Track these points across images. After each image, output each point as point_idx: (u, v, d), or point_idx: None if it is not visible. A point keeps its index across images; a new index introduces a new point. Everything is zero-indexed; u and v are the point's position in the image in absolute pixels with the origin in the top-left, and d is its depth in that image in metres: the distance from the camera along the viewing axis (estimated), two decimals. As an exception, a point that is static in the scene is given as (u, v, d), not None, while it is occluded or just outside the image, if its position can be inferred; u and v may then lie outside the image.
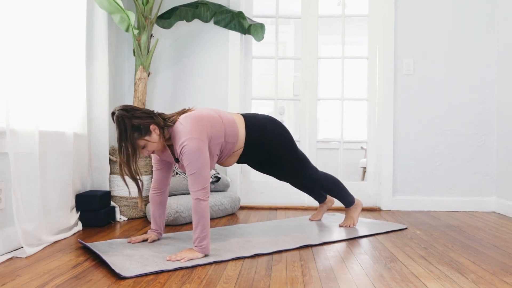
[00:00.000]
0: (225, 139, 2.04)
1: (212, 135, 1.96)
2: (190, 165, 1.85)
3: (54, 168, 2.29)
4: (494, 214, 3.17)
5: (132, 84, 3.35)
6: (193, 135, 1.86)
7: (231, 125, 2.06)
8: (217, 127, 1.99)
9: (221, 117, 2.04)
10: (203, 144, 1.88)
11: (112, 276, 1.62)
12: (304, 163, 2.36)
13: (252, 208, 3.37)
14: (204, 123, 1.94)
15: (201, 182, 1.85)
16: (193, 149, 1.84)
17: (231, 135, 2.06)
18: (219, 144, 2.02)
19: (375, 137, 3.46)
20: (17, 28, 1.98)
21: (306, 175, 2.38)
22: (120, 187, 2.82)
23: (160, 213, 2.16)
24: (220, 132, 2.01)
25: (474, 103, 3.35)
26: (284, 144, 2.26)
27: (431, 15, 3.37)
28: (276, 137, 2.23)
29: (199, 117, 1.94)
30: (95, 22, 2.75)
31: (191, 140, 1.85)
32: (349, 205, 2.60)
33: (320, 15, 3.51)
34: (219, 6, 3.24)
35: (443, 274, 1.69)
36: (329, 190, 2.51)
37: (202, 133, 1.90)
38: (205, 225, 1.85)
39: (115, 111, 1.84)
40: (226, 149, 2.09)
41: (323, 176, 2.45)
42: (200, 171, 1.85)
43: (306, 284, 1.57)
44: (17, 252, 1.92)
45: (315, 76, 3.49)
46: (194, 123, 1.90)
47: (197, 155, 1.85)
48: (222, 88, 3.42)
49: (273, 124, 2.25)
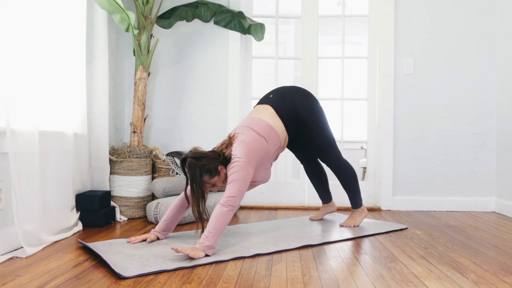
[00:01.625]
0: (273, 151, 2.23)
1: (260, 159, 2.13)
2: (234, 174, 1.98)
3: (54, 168, 2.29)
4: (494, 214, 3.17)
5: (132, 84, 3.35)
6: (245, 159, 2.03)
7: (271, 135, 2.21)
8: (263, 149, 2.15)
9: (262, 135, 2.17)
10: (250, 169, 2.03)
11: (112, 276, 1.62)
12: (332, 140, 2.49)
13: (252, 208, 3.37)
14: (255, 152, 2.09)
15: (232, 191, 1.95)
16: (242, 164, 2.00)
17: (274, 142, 2.23)
18: (271, 159, 2.24)
19: (375, 137, 3.46)
20: (17, 28, 1.98)
21: (332, 153, 2.49)
22: (120, 187, 2.82)
23: (178, 216, 2.17)
24: (267, 150, 2.18)
25: (474, 103, 3.36)
26: (314, 112, 2.41)
27: (431, 15, 3.37)
28: (306, 107, 2.38)
29: (250, 148, 2.08)
30: (95, 22, 2.75)
31: (243, 161, 2.01)
32: (356, 206, 2.60)
33: (320, 15, 3.51)
34: (219, 6, 3.24)
35: (443, 274, 1.69)
36: (345, 180, 2.54)
37: (252, 160, 2.06)
38: (216, 228, 1.88)
39: (186, 158, 1.99)
40: (277, 153, 2.30)
41: (346, 163, 2.55)
42: (238, 182, 1.96)
43: (306, 284, 1.57)
44: (17, 252, 1.92)
45: (315, 76, 3.49)
46: (246, 154, 2.04)
47: (243, 171, 1.99)
48: (222, 88, 3.42)
49: (301, 95, 2.42)
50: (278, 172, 4.16)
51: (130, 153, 2.85)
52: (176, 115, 3.44)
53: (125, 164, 2.82)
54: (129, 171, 2.82)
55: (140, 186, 2.85)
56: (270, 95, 2.42)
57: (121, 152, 2.84)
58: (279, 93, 2.40)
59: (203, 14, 3.26)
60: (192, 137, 3.42)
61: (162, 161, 3.04)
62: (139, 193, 2.85)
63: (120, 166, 2.82)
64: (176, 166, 2.93)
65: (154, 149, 3.04)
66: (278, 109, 2.32)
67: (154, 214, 2.65)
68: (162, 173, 3.05)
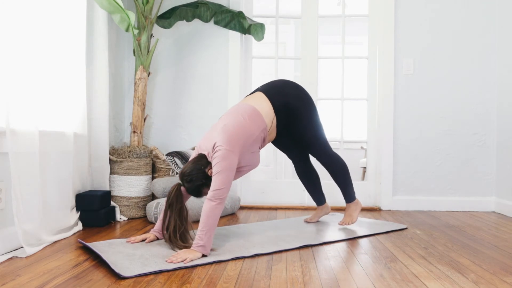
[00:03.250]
0: (257, 133, 2.16)
1: (243, 141, 2.07)
2: (216, 165, 1.95)
3: (54, 168, 2.29)
4: (494, 214, 3.17)
5: (132, 84, 3.35)
6: (226, 146, 1.99)
7: (253, 115, 2.16)
8: (245, 131, 2.09)
9: (244, 117, 2.13)
10: (233, 156, 1.99)
11: (112, 276, 1.62)
12: (323, 134, 2.47)
13: (252, 208, 3.37)
14: (236, 135, 2.05)
15: (217, 184, 1.92)
16: (224, 153, 1.96)
17: (257, 122, 2.17)
18: (256, 141, 2.16)
19: (375, 137, 3.46)
20: (17, 28, 1.98)
21: (321, 146, 2.45)
22: (120, 187, 2.82)
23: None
24: (250, 132, 2.12)
25: (474, 103, 3.36)
26: (306, 103, 2.38)
27: (431, 15, 3.37)
28: (298, 97, 2.36)
29: (231, 133, 2.04)
30: (95, 22, 2.75)
31: (224, 148, 1.98)
32: (350, 200, 2.57)
33: (320, 15, 3.51)
34: (219, 6, 3.24)
35: (443, 274, 1.69)
36: (335, 173, 2.50)
37: (235, 146, 2.01)
38: (208, 225, 1.86)
39: (181, 185, 2.01)
40: (263, 135, 2.22)
41: (336, 155, 2.51)
42: (222, 173, 1.93)
43: (306, 284, 1.57)
44: (17, 252, 1.92)
45: (315, 76, 3.49)
46: (227, 139, 2.01)
47: (225, 160, 1.95)
48: (222, 88, 3.42)
49: (292, 87, 2.39)
50: (278, 172, 4.16)
51: (130, 153, 2.85)
52: (176, 115, 3.44)
53: (125, 164, 2.82)
54: (129, 171, 2.82)
55: (140, 186, 2.85)
56: (261, 86, 2.41)
57: (121, 152, 2.84)
58: (271, 83, 2.40)
59: (203, 14, 3.26)
60: (192, 137, 3.42)
61: (162, 161, 3.04)
62: (139, 193, 2.85)
63: (120, 166, 2.82)
64: (176, 166, 2.93)
65: (154, 149, 3.04)
66: (268, 95, 2.28)
67: (154, 214, 2.65)
68: (162, 173, 3.05)
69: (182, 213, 1.99)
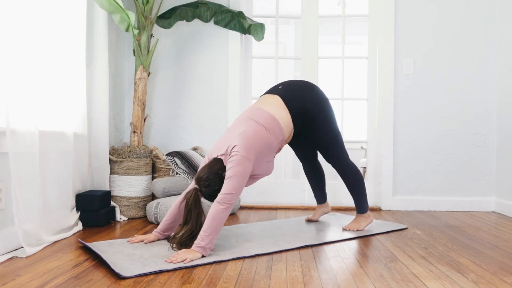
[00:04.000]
0: (275, 144, 2.15)
1: (261, 151, 2.06)
2: (230, 170, 1.94)
3: (54, 168, 2.29)
4: (494, 214, 3.17)
5: (132, 84, 3.35)
6: (243, 152, 1.97)
7: (273, 127, 2.14)
8: (264, 142, 2.08)
9: (263, 126, 2.10)
10: (249, 163, 1.98)
11: (112, 276, 1.62)
12: (340, 140, 2.42)
13: (252, 208, 3.37)
14: (255, 145, 2.03)
15: (228, 188, 1.91)
16: (240, 159, 1.95)
17: (276, 135, 2.15)
18: (273, 151, 2.15)
19: (375, 137, 3.46)
20: (17, 28, 1.98)
21: (337, 153, 2.41)
22: (120, 187, 2.82)
23: (180, 216, 2.13)
24: (269, 142, 2.11)
25: (474, 103, 3.36)
26: (324, 107, 2.35)
27: (431, 15, 3.37)
28: (316, 102, 2.33)
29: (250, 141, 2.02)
30: (95, 22, 2.75)
31: (241, 155, 1.97)
32: (362, 211, 2.48)
33: (320, 15, 3.51)
34: (219, 6, 3.24)
35: (443, 274, 1.69)
36: (349, 182, 2.44)
37: (251, 154, 2.00)
38: (212, 227, 1.86)
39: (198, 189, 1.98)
40: (280, 146, 2.22)
41: (352, 164, 2.46)
42: (235, 178, 1.92)
43: (306, 284, 1.57)
44: (17, 252, 1.92)
45: (315, 76, 3.49)
46: (245, 147, 1.99)
47: (240, 165, 1.94)
48: (222, 88, 3.42)
49: (312, 90, 2.36)
50: (278, 172, 4.16)
51: (130, 153, 2.85)
52: (176, 115, 3.44)
53: (125, 164, 2.82)
54: (129, 171, 2.82)
55: (140, 186, 2.85)
56: (280, 86, 2.34)
57: (121, 152, 2.84)
58: (290, 85, 2.33)
59: (203, 14, 3.26)
60: (192, 137, 3.42)
61: (162, 161, 3.04)
62: (139, 193, 2.85)
63: (120, 166, 2.82)
64: (176, 166, 2.93)
65: (154, 149, 3.04)
66: (287, 100, 2.24)
67: (154, 214, 2.65)
68: (162, 173, 3.05)
69: (200, 218, 1.96)
